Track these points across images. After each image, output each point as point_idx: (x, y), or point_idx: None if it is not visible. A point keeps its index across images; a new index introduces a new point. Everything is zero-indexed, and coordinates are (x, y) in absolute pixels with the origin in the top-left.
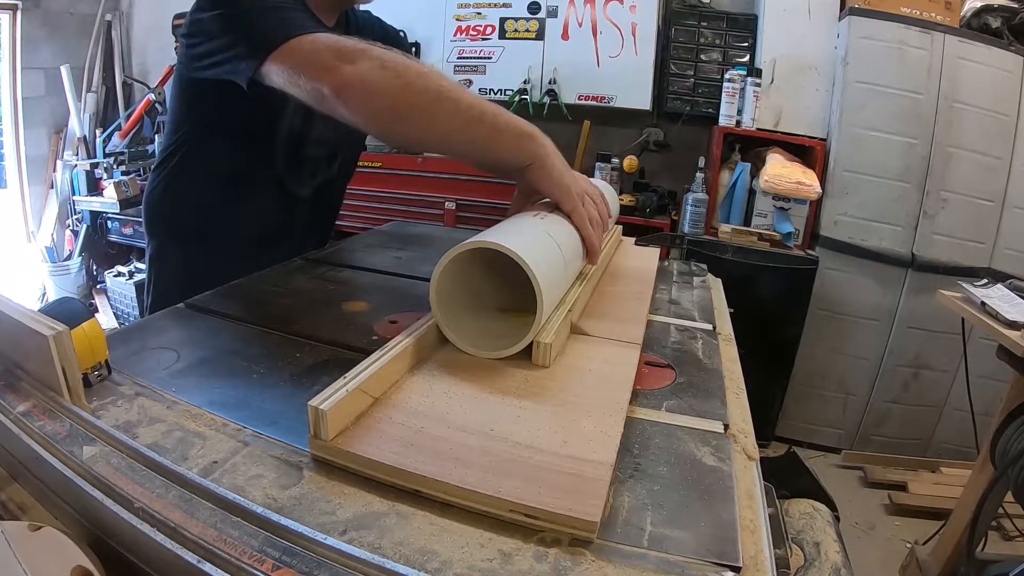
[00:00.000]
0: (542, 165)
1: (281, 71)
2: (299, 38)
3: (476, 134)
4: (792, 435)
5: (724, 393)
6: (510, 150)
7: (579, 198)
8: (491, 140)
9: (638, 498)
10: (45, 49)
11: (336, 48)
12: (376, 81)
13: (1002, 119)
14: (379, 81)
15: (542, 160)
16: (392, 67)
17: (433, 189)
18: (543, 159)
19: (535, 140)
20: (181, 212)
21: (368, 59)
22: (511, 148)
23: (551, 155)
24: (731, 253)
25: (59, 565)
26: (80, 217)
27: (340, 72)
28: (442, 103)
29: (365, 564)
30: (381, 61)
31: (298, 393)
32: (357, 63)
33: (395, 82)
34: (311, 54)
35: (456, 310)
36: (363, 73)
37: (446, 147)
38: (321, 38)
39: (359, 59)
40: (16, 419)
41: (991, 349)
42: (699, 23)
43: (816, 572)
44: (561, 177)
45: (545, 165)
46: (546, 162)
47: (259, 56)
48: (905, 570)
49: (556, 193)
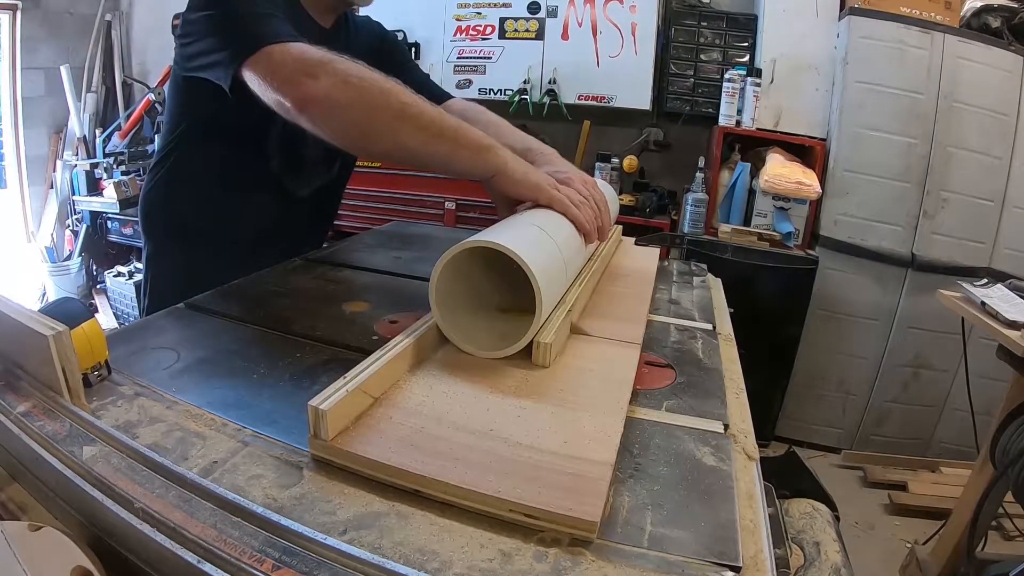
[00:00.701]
0: (503, 174)
1: (254, 79)
2: (270, 47)
3: (438, 150)
4: (792, 435)
5: (724, 393)
6: (470, 164)
7: (552, 187)
8: (451, 156)
9: (638, 498)
10: (45, 49)
11: (302, 61)
12: (337, 99)
13: (1002, 119)
14: (340, 98)
15: (501, 169)
16: (355, 84)
17: (433, 189)
18: (502, 168)
19: (492, 151)
20: (178, 212)
21: (331, 75)
22: (470, 162)
23: (509, 163)
24: (731, 253)
25: (59, 565)
26: (80, 217)
27: (303, 87)
28: (404, 120)
29: (365, 564)
30: (344, 76)
31: (298, 393)
32: (319, 78)
33: (357, 100)
34: (279, 65)
35: (456, 310)
36: (325, 90)
37: (411, 161)
38: (291, 49)
39: (322, 74)
40: (16, 419)
41: (991, 349)
42: (699, 23)
43: (816, 572)
44: (525, 178)
45: (506, 173)
46: (506, 170)
47: (236, 61)
48: (905, 570)
49: (527, 194)
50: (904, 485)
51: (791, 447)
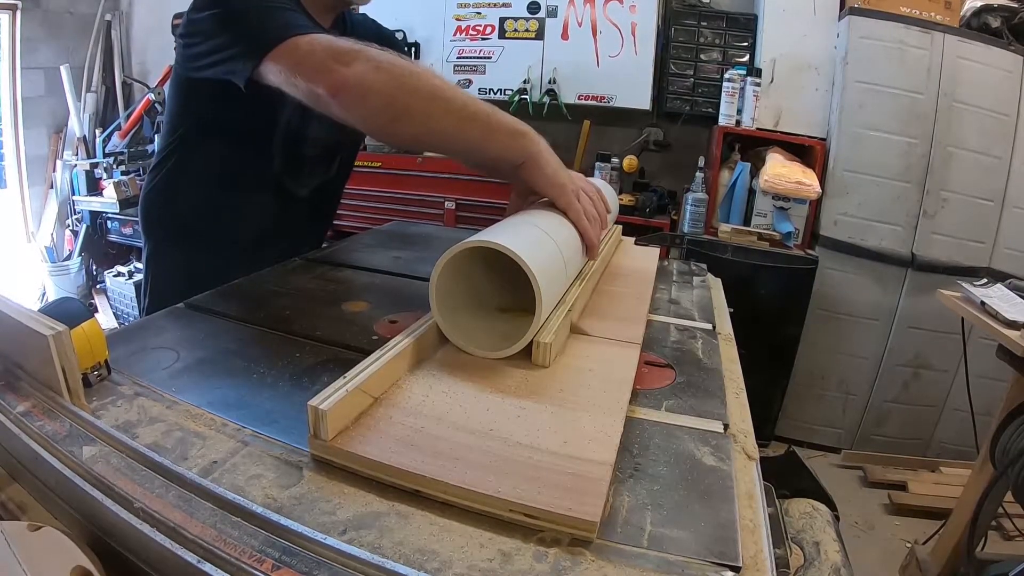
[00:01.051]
0: (535, 163)
1: (278, 71)
2: (295, 38)
3: (470, 133)
4: (792, 435)
5: (724, 393)
6: (503, 148)
7: (574, 194)
8: (485, 139)
9: (638, 498)
10: (45, 49)
11: (332, 49)
12: (371, 83)
13: (1002, 119)
14: (374, 83)
15: (535, 158)
16: (387, 68)
17: (433, 189)
18: (536, 157)
19: (527, 138)
20: (178, 212)
21: (363, 60)
22: (504, 146)
23: (544, 152)
24: (731, 253)
25: (59, 565)
26: (80, 217)
27: (336, 74)
28: (436, 103)
29: (365, 564)
30: (376, 62)
31: (298, 393)
32: (352, 65)
33: (390, 83)
34: (307, 55)
35: (456, 310)
36: (358, 75)
37: (441, 146)
38: (317, 39)
39: (354, 61)
40: (16, 419)
41: (991, 349)
42: (699, 23)
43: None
44: (555, 174)
45: (538, 162)
46: (539, 159)
47: (256, 56)
48: (905, 570)
49: (550, 190)
50: (904, 485)
51: (791, 447)
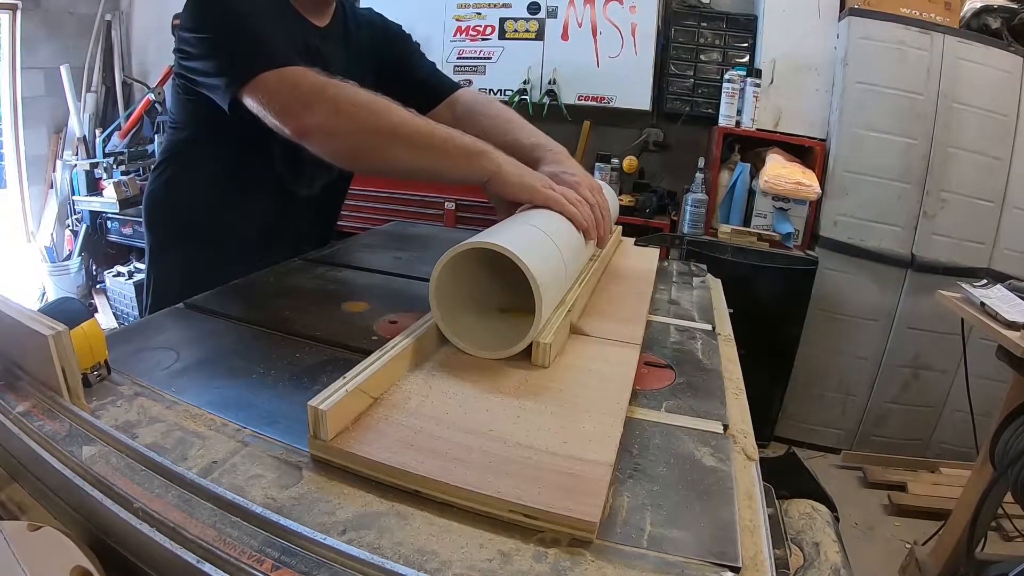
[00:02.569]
0: (498, 179)
1: (252, 103)
2: (265, 74)
3: (429, 163)
4: (792, 435)
5: (723, 393)
6: (463, 171)
7: (546, 187)
8: (444, 165)
9: (637, 498)
10: (45, 49)
11: (296, 90)
12: (331, 128)
13: (1002, 119)
14: (334, 127)
15: (496, 175)
16: (347, 111)
17: (433, 189)
18: (496, 173)
19: (486, 156)
20: (181, 212)
21: (323, 103)
22: (464, 169)
23: (504, 167)
24: (731, 253)
25: (58, 565)
26: (80, 217)
27: (299, 119)
28: (395, 139)
29: (365, 564)
30: (336, 105)
31: (298, 393)
32: (313, 108)
33: (350, 126)
34: (275, 94)
35: (456, 310)
36: (319, 120)
37: (405, 175)
38: (286, 76)
39: (315, 104)
40: (16, 419)
41: (991, 349)
42: (699, 23)
43: (816, 572)
44: (521, 180)
45: (501, 178)
46: (500, 175)
47: (234, 88)
48: (905, 570)
49: (524, 195)
50: (904, 486)
51: (791, 447)
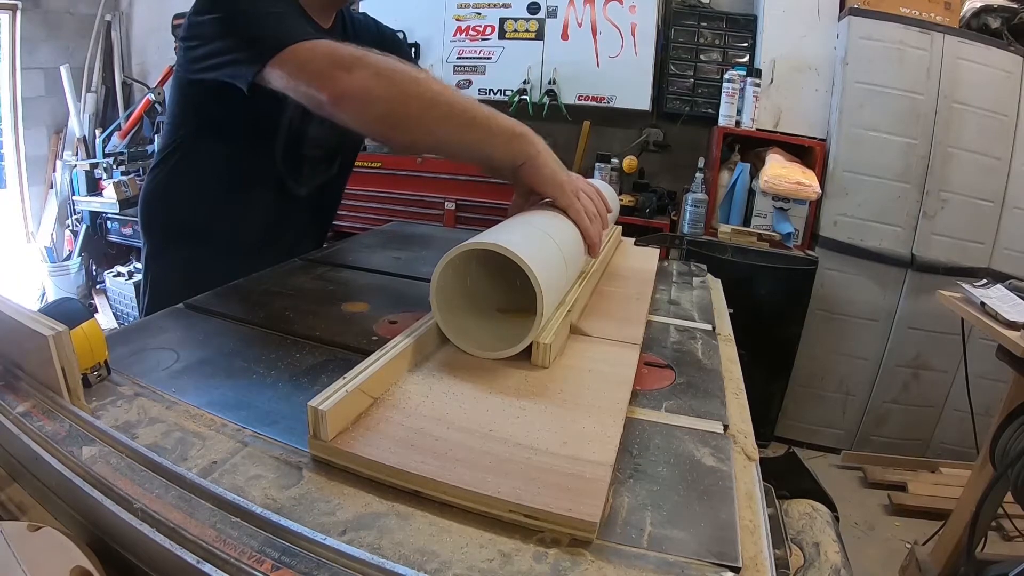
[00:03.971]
0: (534, 164)
1: (281, 76)
2: (297, 45)
3: (469, 137)
4: (792, 435)
5: (724, 393)
6: (502, 150)
7: (574, 194)
8: (484, 142)
9: (637, 498)
10: (45, 49)
11: (333, 56)
12: (371, 90)
13: (1002, 119)
14: (374, 90)
15: (534, 159)
16: (387, 75)
17: (433, 189)
18: (535, 158)
19: (526, 139)
20: (179, 212)
21: (364, 67)
22: (503, 149)
23: (542, 153)
24: (731, 253)
25: (58, 565)
26: (80, 217)
27: (337, 82)
28: (436, 109)
29: (365, 564)
30: (376, 69)
31: (298, 393)
32: (353, 72)
33: (390, 90)
34: (309, 62)
35: (456, 310)
36: (359, 82)
37: (441, 150)
38: (319, 45)
39: (355, 68)
40: (16, 419)
41: (991, 349)
42: (699, 23)
43: (816, 572)
44: (554, 174)
45: (537, 163)
46: (537, 160)
47: (259, 61)
48: (905, 570)
49: (550, 190)
50: (904, 486)
51: (791, 448)
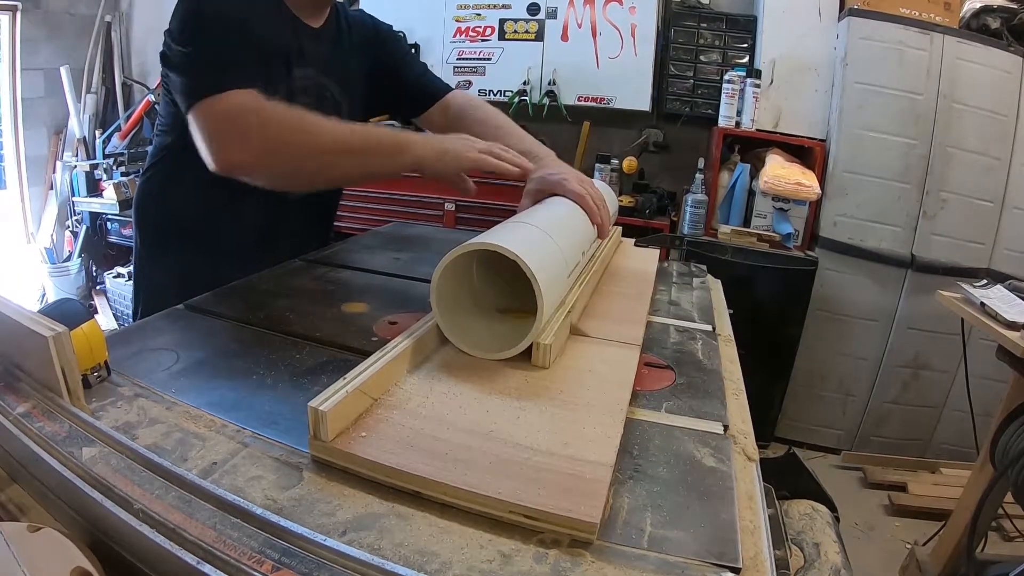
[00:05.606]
0: (422, 168)
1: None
2: (209, 99)
3: (352, 170)
4: (792, 436)
5: (724, 394)
6: (389, 167)
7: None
8: (367, 167)
9: (638, 499)
10: (45, 50)
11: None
12: (250, 165)
13: (1001, 119)
14: (255, 164)
15: (417, 166)
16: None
17: (432, 190)
18: (420, 162)
19: (406, 152)
20: (172, 212)
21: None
22: (389, 166)
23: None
24: (731, 254)
25: (59, 566)
26: (80, 218)
27: (219, 159)
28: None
29: (365, 565)
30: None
31: (298, 394)
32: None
33: (268, 161)
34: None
35: (456, 311)
36: (237, 160)
37: (336, 185)
38: (218, 106)
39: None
40: (16, 420)
41: (991, 349)
42: (699, 24)
43: (816, 573)
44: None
45: (423, 167)
46: (421, 166)
47: (187, 104)
48: (905, 571)
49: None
50: (904, 486)
51: (791, 448)
